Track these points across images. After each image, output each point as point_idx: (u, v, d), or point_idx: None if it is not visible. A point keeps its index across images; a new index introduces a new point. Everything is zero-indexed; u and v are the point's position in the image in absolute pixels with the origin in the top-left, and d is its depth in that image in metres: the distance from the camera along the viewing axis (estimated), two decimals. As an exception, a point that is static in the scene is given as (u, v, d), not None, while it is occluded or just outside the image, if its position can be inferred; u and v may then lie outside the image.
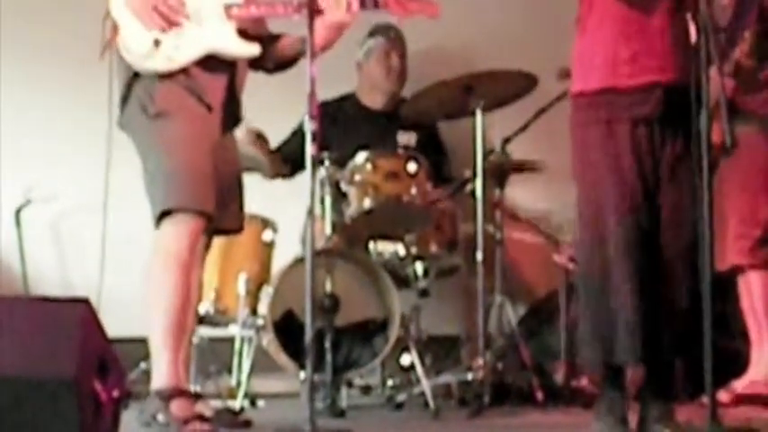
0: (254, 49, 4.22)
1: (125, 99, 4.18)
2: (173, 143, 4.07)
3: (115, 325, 4.67)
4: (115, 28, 4.15)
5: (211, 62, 4.18)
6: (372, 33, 5.62)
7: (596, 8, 3.88)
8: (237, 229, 4.34)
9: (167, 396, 4.01)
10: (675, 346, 3.80)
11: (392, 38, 5.63)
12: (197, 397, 4.18)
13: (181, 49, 4.14)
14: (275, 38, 4.35)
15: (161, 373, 4.04)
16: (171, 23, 4.13)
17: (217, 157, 4.14)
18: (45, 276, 5.79)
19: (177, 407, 4.00)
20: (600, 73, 3.86)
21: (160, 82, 4.13)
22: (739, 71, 4.68)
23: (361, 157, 4.99)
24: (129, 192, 4.36)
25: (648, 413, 3.83)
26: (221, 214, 4.15)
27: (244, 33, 4.22)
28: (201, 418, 4.06)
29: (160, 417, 3.99)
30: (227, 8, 4.20)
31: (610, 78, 3.84)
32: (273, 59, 4.35)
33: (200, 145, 4.10)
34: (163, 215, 4.06)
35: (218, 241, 4.44)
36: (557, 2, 3.97)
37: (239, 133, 4.58)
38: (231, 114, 4.28)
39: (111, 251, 5.14)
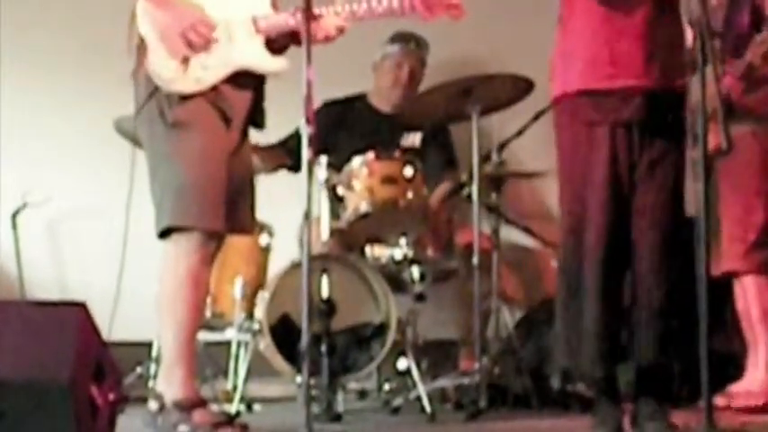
0: (282, 64, 4.16)
1: (145, 102, 4.08)
2: (187, 156, 4.01)
3: (113, 328, 4.68)
4: (143, 47, 4.06)
5: (240, 78, 4.12)
6: (392, 39, 5.59)
7: (577, 8, 3.86)
8: (248, 230, 4.31)
9: (188, 407, 4.01)
10: (655, 349, 3.80)
11: (410, 48, 5.59)
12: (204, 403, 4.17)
13: (209, 69, 4.07)
14: None
15: (177, 385, 4.04)
16: (199, 50, 4.06)
17: (230, 163, 4.10)
18: (41, 280, 5.78)
19: (200, 415, 4.01)
20: (580, 74, 3.83)
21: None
22: (751, 74, 4.62)
23: (357, 161, 4.99)
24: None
25: (640, 413, 3.83)
26: (232, 216, 4.12)
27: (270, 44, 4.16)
28: (229, 419, 4.11)
29: (182, 428, 3.99)
30: (255, 21, 4.12)
31: (590, 80, 3.82)
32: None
33: (214, 158, 4.05)
34: (172, 228, 4.04)
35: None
36: (554, 6, 3.96)
37: None
38: (252, 123, 4.23)
39: (110, 255, 5.15)
